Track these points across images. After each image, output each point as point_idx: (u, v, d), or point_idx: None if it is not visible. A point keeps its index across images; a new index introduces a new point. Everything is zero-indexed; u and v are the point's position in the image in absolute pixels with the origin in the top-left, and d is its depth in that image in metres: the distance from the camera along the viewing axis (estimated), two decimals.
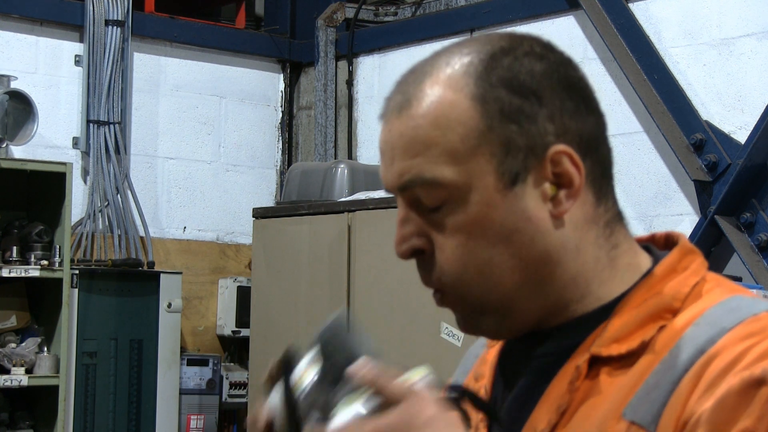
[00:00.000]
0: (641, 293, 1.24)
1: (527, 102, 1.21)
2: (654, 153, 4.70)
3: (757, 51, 4.43)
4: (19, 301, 5.03)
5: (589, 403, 1.21)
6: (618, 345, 1.21)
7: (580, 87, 1.26)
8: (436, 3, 5.71)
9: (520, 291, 1.23)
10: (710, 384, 1.14)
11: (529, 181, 1.22)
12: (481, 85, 1.22)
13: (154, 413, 5.26)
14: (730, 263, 4.39)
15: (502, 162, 1.21)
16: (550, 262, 1.23)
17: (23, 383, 4.77)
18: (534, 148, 1.21)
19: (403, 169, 1.23)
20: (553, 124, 1.22)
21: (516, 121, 1.21)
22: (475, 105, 1.21)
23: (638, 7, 4.75)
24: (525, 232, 1.21)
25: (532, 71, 1.22)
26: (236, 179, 6.02)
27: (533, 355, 1.27)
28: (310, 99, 6.19)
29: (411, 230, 1.25)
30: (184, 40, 5.85)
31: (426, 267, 1.25)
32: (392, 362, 1.22)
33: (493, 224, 1.21)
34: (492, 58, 1.23)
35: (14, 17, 5.37)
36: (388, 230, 4.37)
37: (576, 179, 1.22)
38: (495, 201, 1.21)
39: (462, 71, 1.23)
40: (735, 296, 1.23)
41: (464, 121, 1.21)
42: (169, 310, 5.33)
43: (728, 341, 1.16)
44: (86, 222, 5.43)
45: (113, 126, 5.50)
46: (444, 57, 1.25)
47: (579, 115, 1.24)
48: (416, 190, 1.23)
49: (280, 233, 4.84)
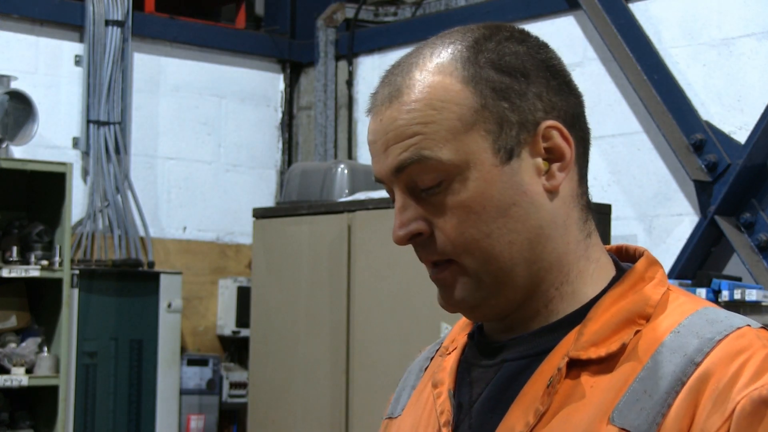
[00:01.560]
0: (612, 298, 1.27)
1: (515, 80, 1.26)
2: (654, 153, 4.70)
3: (757, 51, 4.43)
4: (19, 301, 5.03)
5: (571, 406, 1.22)
6: (596, 348, 1.23)
7: (560, 68, 1.30)
8: (436, 3, 5.71)
9: (515, 268, 1.26)
10: (715, 402, 1.17)
11: (524, 156, 1.26)
12: (469, 68, 1.25)
13: (154, 413, 5.26)
14: (730, 263, 4.39)
15: (497, 138, 1.25)
16: (542, 237, 1.26)
17: (23, 383, 4.78)
18: (526, 123, 1.25)
19: (400, 150, 1.25)
20: (541, 101, 1.26)
21: (507, 99, 1.25)
22: (467, 86, 1.25)
23: (638, 7, 4.75)
24: (521, 206, 1.25)
25: (517, 53, 1.27)
26: (236, 179, 6.02)
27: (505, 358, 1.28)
28: (310, 99, 6.19)
29: (410, 216, 1.27)
30: (184, 40, 5.85)
31: (425, 245, 1.28)
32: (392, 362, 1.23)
33: (492, 199, 1.24)
34: (476, 44, 1.27)
35: (14, 17, 5.38)
36: (388, 230, 4.37)
37: (567, 152, 1.27)
38: (493, 177, 1.24)
39: (449, 58, 1.26)
40: (707, 307, 1.27)
41: (459, 101, 1.24)
42: (169, 310, 5.34)
43: (720, 357, 1.19)
44: (86, 222, 5.43)
45: (113, 126, 5.50)
46: (428, 48, 1.29)
47: (563, 93, 1.28)
48: (413, 171, 1.25)
49: (280, 233, 4.84)
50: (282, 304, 4.79)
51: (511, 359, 1.28)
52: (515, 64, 1.26)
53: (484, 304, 1.28)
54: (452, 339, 1.42)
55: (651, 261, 1.32)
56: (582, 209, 1.30)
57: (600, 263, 1.31)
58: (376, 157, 1.28)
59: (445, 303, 1.30)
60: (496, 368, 1.29)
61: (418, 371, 1.45)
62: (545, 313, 1.28)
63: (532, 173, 1.26)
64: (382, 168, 1.28)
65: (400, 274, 4.28)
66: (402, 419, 1.41)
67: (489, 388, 1.28)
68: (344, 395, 4.46)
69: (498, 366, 1.29)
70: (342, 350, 4.49)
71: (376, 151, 1.28)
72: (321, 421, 4.55)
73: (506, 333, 1.31)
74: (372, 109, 1.30)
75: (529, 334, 1.28)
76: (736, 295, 3.79)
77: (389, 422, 1.45)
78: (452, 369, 1.35)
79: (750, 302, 3.77)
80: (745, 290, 3.81)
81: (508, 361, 1.28)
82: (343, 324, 4.49)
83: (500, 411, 1.25)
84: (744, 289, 3.81)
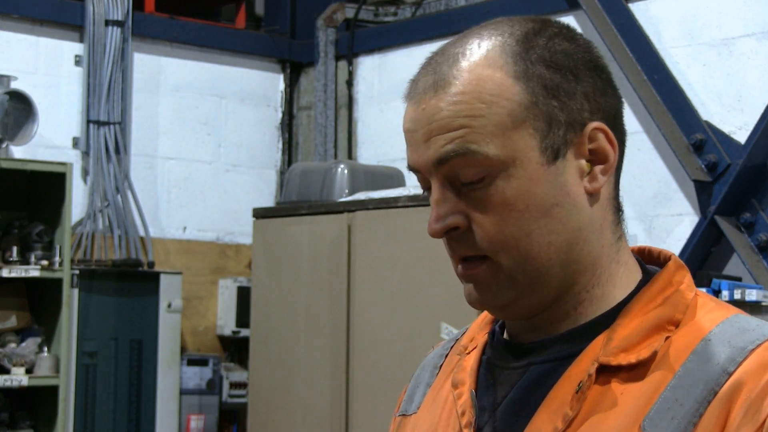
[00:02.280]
0: (642, 303, 1.26)
1: (565, 79, 1.24)
2: (654, 153, 4.70)
3: (757, 51, 4.43)
4: (19, 301, 5.03)
5: (601, 412, 1.20)
6: (626, 354, 1.22)
7: (605, 68, 1.29)
8: (436, 3, 5.71)
9: (551, 270, 1.24)
10: (746, 412, 1.15)
11: (569, 156, 1.24)
12: (521, 63, 1.23)
13: (154, 413, 5.26)
14: (730, 263, 4.39)
15: (545, 137, 1.23)
16: (580, 240, 1.25)
17: (23, 383, 4.77)
18: (573, 123, 1.24)
19: (445, 141, 1.22)
20: (588, 102, 1.25)
21: (557, 97, 1.23)
22: (518, 81, 1.22)
23: (638, 7, 4.75)
24: (564, 207, 1.23)
25: (566, 51, 1.25)
26: (236, 179, 6.02)
27: (532, 361, 1.26)
28: (310, 99, 6.19)
29: (448, 209, 1.24)
30: (184, 40, 5.85)
31: (461, 240, 1.25)
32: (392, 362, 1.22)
33: (535, 198, 1.22)
34: (526, 38, 1.25)
35: (14, 17, 5.37)
36: (388, 230, 4.39)
37: (611, 155, 1.26)
38: (538, 176, 1.23)
39: (499, 51, 1.24)
40: (738, 314, 1.25)
41: (510, 97, 1.22)
42: (169, 310, 5.33)
43: (752, 367, 1.17)
44: (86, 222, 5.43)
45: (113, 126, 5.50)
46: (474, 38, 1.26)
47: (607, 94, 1.27)
48: (456, 164, 1.22)
49: (280, 233, 4.84)
50: (282, 304, 4.79)
51: (538, 362, 1.26)
52: (565, 62, 1.24)
53: (515, 304, 1.26)
54: (471, 338, 1.39)
55: (679, 265, 1.30)
56: (615, 212, 1.29)
57: (628, 266, 1.29)
58: (415, 147, 1.25)
59: (475, 300, 1.27)
60: (522, 371, 1.27)
61: (432, 368, 1.43)
62: (574, 316, 1.27)
63: (575, 174, 1.24)
64: (421, 158, 1.25)
65: (400, 274, 4.28)
66: (418, 417, 1.38)
67: (515, 391, 1.26)
68: (344, 395, 4.46)
69: (524, 368, 1.27)
70: (342, 350, 4.49)
71: (415, 140, 1.25)
72: (321, 421, 4.55)
73: (532, 333, 1.29)
74: (412, 97, 1.26)
75: (556, 336, 1.26)
76: (736, 295, 3.78)
77: (403, 419, 1.42)
78: (473, 369, 1.33)
79: (750, 302, 3.76)
80: (745, 290, 3.81)
81: (535, 364, 1.26)
82: (343, 324, 4.49)
83: (526, 414, 1.24)
84: (744, 289, 3.81)
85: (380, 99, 5.87)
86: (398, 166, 5.32)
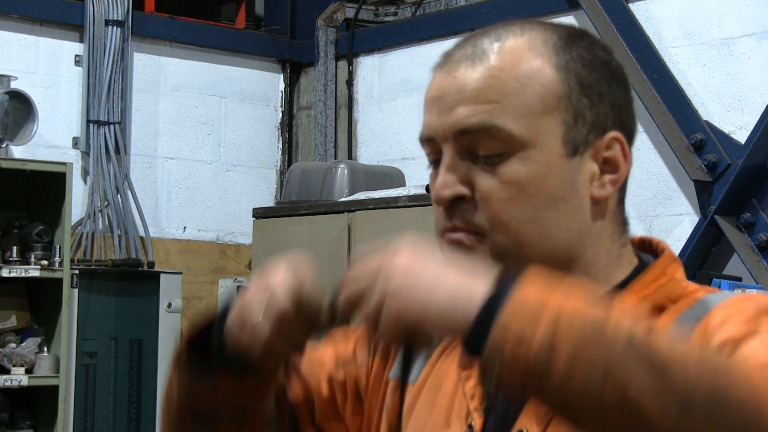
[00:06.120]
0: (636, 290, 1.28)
1: (599, 83, 1.26)
2: (654, 153, 4.70)
3: (757, 51, 4.43)
4: (19, 301, 5.02)
5: None
6: None
7: (630, 89, 1.32)
8: (436, 3, 5.71)
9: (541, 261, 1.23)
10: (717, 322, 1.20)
11: (585, 157, 1.26)
12: (562, 55, 1.26)
13: (154, 413, 5.26)
14: (730, 263, 4.39)
15: (569, 131, 1.25)
16: (576, 243, 1.26)
17: (23, 383, 4.77)
18: (597, 126, 1.26)
19: (471, 113, 1.23)
20: (613, 112, 1.27)
21: (589, 96, 1.26)
22: (557, 71, 1.25)
23: (638, 7, 4.74)
24: (570, 203, 1.25)
25: (603, 59, 1.28)
26: (236, 179, 6.02)
27: None
28: (310, 99, 6.19)
29: (458, 177, 1.25)
30: (184, 40, 5.85)
31: (462, 212, 1.24)
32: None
33: (547, 187, 1.24)
34: (569, 37, 1.28)
35: (14, 17, 5.37)
36: (388, 230, 4.38)
37: (622, 168, 1.28)
38: (555, 165, 1.24)
39: (542, 40, 1.27)
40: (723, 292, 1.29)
41: (545, 83, 1.24)
42: (169, 310, 5.33)
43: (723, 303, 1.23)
44: (86, 222, 5.43)
45: (113, 126, 5.50)
46: (516, 26, 1.29)
47: (630, 113, 1.30)
48: (478, 136, 1.23)
49: (280, 233, 4.84)
50: None
51: None
52: (602, 68, 1.28)
53: None
54: None
55: (671, 259, 1.32)
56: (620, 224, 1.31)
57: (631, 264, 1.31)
58: (438, 113, 1.25)
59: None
60: None
61: None
62: None
63: (586, 176, 1.26)
64: (442, 125, 1.25)
65: None
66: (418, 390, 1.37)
67: None
68: None
69: None
70: None
71: (440, 106, 1.25)
72: None
73: None
74: (444, 65, 1.27)
75: None
76: None
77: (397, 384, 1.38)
78: None
79: None
80: (745, 290, 3.81)
81: None
82: None
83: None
84: (744, 289, 3.81)
85: (380, 99, 5.87)
86: (398, 166, 5.32)
